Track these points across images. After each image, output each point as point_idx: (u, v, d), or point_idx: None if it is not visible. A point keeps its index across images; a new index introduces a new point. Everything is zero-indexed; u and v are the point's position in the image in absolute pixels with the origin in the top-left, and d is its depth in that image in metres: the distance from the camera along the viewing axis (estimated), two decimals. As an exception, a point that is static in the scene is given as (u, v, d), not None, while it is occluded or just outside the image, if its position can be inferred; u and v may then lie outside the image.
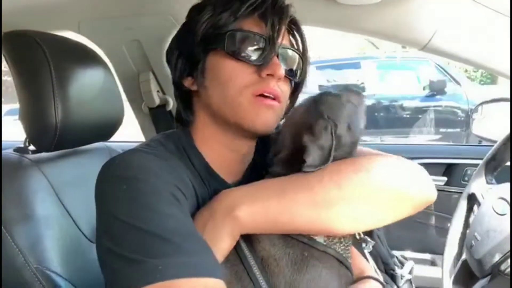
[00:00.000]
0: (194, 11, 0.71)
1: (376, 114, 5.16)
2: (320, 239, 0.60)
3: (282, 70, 0.68)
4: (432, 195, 0.66)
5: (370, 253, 0.71)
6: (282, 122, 0.75)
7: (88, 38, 1.27)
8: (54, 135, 0.82)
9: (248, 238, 0.61)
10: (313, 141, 0.60)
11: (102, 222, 0.59)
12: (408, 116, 5.14)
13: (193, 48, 0.69)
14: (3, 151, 0.88)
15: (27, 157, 0.87)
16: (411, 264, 0.79)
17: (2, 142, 1.90)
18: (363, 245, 0.69)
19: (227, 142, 0.72)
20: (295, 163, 0.61)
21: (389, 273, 0.74)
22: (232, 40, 0.66)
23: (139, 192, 0.57)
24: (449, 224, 1.15)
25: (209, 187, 0.70)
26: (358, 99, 0.67)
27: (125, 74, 1.37)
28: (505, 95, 1.38)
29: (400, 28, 1.09)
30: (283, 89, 0.70)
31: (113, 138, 1.04)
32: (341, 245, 0.62)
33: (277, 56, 0.68)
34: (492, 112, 1.37)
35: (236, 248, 0.61)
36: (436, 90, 5.07)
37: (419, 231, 1.47)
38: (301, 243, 0.60)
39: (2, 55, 0.86)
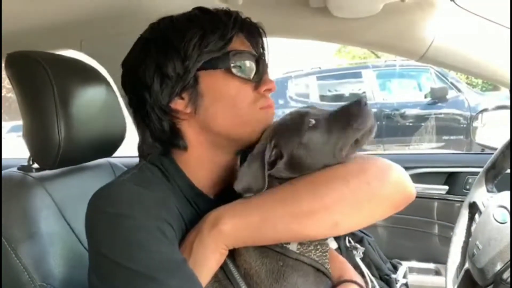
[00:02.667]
0: (177, 33, 0.68)
1: (377, 122, 5.15)
2: (293, 247, 0.63)
3: (275, 84, 0.73)
4: (411, 194, 0.67)
5: (363, 260, 0.71)
6: None
7: (90, 56, 1.29)
8: (57, 152, 0.83)
9: (231, 254, 0.64)
10: (244, 167, 0.65)
11: (91, 259, 0.62)
12: (410, 124, 5.14)
13: (184, 71, 0.67)
14: (7, 170, 0.89)
15: (31, 175, 0.88)
16: (404, 268, 0.80)
17: (7, 160, 1.92)
18: (354, 252, 0.70)
19: (218, 159, 0.74)
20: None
21: (384, 279, 0.74)
22: (235, 61, 0.68)
23: (125, 229, 0.59)
24: (452, 233, 1.15)
25: (196, 207, 0.72)
26: (318, 114, 0.68)
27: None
28: (506, 102, 1.38)
29: (398, 39, 1.10)
30: None
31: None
32: (317, 251, 0.64)
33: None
34: (493, 120, 1.38)
35: (223, 265, 0.63)
36: (437, 97, 5.08)
37: (422, 241, 1.46)
38: (275, 252, 0.62)
39: (6, 75, 0.88)
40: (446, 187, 1.43)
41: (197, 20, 0.69)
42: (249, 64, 0.69)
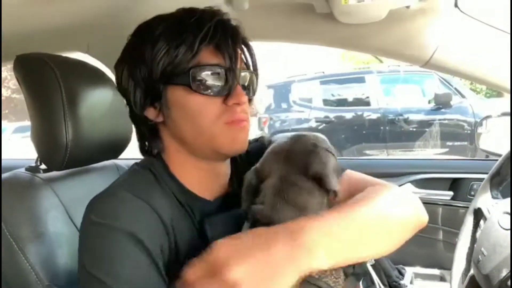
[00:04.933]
0: (148, 43, 0.68)
1: (381, 128, 5.16)
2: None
3: (245, 97, 0.70)
4: (426, 218, 0.71)
5: (373, 266, 0.71)
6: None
7: (96, 58, 1.30)
8: (64, 154, 0.84)
9: None
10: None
11: (78, 269, 0.63)
12: (414, 129, 5.14)
13: (151, 83, 0.68)
14: (15, 170, 0.90)
15: (38, 176, 0.89)
16: (410, 274, 0.80)
17: (15, 161, 1.93)
18: None
19: (201, 165, 0.74)
20: None
21: (393, 285, 0.75)
22: (195, 77, 0.66)
23: (110, 244, 0.60)
24: (456, 239, 1.15)
25: (190, 210, 0.71)
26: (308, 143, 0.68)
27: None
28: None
29: (402, 45, 1.11)
30: (247, 108, 0.72)
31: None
32: (332, 277, 0.62)
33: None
34: (498, 126, 1.38)
35: None
36: (441, 103, 5.07)
37: (427, 246, 1.46)
38: None
39: (15, 76, 0.89)
40: (451, 193, 1.43)
41: (169, 29, 0.67)
42: (213, 79, 0.68)
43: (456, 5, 1.00)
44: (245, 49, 0.75)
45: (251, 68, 0.76)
